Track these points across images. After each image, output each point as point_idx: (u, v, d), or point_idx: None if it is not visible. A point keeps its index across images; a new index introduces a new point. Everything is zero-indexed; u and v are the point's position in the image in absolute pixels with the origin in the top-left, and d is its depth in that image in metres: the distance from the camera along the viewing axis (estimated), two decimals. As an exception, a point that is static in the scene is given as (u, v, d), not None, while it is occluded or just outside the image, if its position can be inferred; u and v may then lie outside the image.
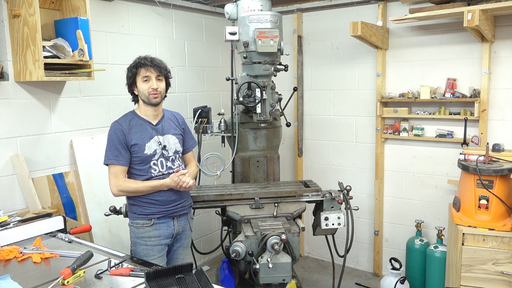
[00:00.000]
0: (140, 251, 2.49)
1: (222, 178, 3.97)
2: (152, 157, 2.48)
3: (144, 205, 2.49)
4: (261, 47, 2.97)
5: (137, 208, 2.50)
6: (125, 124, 2.47)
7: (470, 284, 2.80)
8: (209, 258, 4.42)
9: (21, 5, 2.58)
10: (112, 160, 2.42)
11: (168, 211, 2.53)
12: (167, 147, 2.53)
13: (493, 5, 2.93)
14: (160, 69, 2.48)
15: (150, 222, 2.49)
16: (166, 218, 2.53)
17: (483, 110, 3.36)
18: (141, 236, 2.50)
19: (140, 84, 2.46)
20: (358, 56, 4.01)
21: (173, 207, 2.54)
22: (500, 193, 2.78)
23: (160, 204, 2.49)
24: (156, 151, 2.49)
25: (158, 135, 2.52)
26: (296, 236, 2.52)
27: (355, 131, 4.13)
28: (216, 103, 4.30)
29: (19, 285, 1.74)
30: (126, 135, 2.44)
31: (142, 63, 2.45)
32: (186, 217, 2.66)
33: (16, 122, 2.79)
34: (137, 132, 2.47)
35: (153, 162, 2.48)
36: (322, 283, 4.01)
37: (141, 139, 2.46)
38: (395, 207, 3.99)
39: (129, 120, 2.50)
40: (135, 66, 2.46)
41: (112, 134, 2.45)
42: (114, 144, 2.43)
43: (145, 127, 2.50)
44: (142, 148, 2.45)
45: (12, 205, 2.77)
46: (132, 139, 2.45)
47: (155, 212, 2.49)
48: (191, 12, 4.08)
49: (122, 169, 2.44)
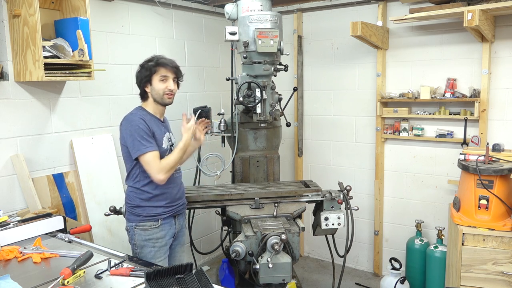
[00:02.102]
0: (147, 254, 2.46)
1: (222, 178, 3.97)
2: (165, 152, 2.48)
3: (151, 206, 2.47)
4: (261, 47, 2.97)
5: (142, 210, 2.47)
6: (145, 118, 2.41)
7: (470, 284, 2.80)
8: (209, 258, 4.42)
9: (21, 5, 2.58)
10: (144, 149, 2.33)
11: (173, 210, 2.55)
12: (174, 144, 2.57)
13: (493, 5, 2.93)
14: (178, 71, 2.50)
15: (157, 223, 2.48)
16: (170, 218, 2.55)
17: (483, 110, 3.36)
18: (149, 239, 2.47)
19: (157, 83, 2.44)
20: (358, 56, 4.01)
21: (176, 205, 2.57)
22: (500, 193, 2.78)
23: (168, 201, 2.50)
24: (168, 147, 2.51)
25: (167, 132, 2.56)
26: (296, 236, 2.52)
27: (355, 131, 4.14)
28: (216, 103, 4.30)
29: (19, 285, 1.74)
30: (149, 127, 2.39)
31: (164, 62, 2.44)
32: (183, 215, 2.71)
33: (16, 122, 2.79)
34: (154, 127, 2.45)
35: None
36: (322, 283, 4.01)
37: (158, 134, 2.46)
38: (395, 207, 3.99)
39: (144, 115, 2.44)
40: (155, 64, 2.44)
41: (138, 125, 2.36)
42: (142, 135, 2.34)
43: (157, 123, 2.50)
44: (160, 143, 2.46)
45: (12, 205, 2.76)
46: (153, 132, 2.41)
47: (162, 213, 2.49)
48: (191, 12, 4.08)
49: (156, 154, 2.36)
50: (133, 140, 2.35)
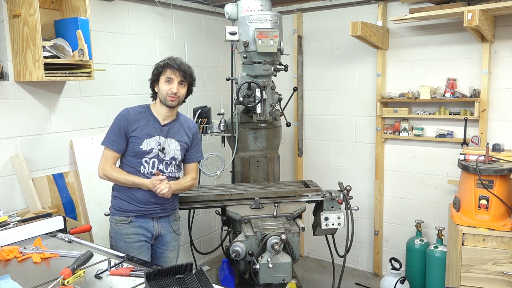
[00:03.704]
0: (120, 247, 2.47)
1: (222, 178, 3.96)
2: (146, 154, 2.47)
3: (123, 201, 2.50)
4: (261, 47, 2.97)
5: (117, 203, 2.52)
6: (133, 114, 2.48)
7: (470, 284, 2.80)
8: (209, 258, 4.42)
9: (21, 5, 2.57)
10: (107, 143, 2.47)
11: (145, 211, 2.51)
12: (165, 150, 2.51)
13: (493, 5, 2.93)
14: (186, 74, 2.46)
15: (128, 220, 2.49)
16: (145, 218, 2.52)
17: (483, 110, 3.36)
18: (120, 233, 2.50)
19: (162, 84, 2.46)
20: (358, 56, 4.01)
21: (151, 208, 2.52)
22: (500, 193, 2.78)
23: (138, 202, 2.49)
24: (153, 150, 2.48)
25: (161, 136, 2.50)
26: (296, 236, 2.52)
27: (355, 131, 4.13)
28: (216, 103, 4.29)
29: (19, 285, 1.74)
30: (129, 124, 2.45)
31: (170, 64, 2.44)
32: (167, 219, 2.61)
33: (16, 122, 2.79)
34: (141, 125, 2.47)
35: (145, 160, 2.48)
36: (322, 283, 4.01)
37: (142, 133, 2.46)
38: (395, 207, 3.99)
39: (139, 112, 2.50)
40: (162, 65, 2.46)
41: (117, 119, 2.49)
42: (114, 130, 2.47)
43: (151, 123, 2.50)
44: (140, 142, 2.46)
45: (12, 205, 2.76)
46: (134, 130, 2.46)
47: (132, 210, 2.49)
48: (191, 12, 4.08)
49: (114, 155, 2.48)
50: (109, 129, 2.50)
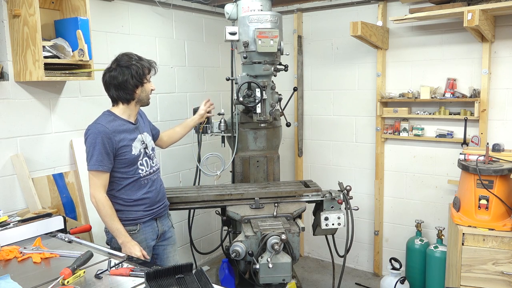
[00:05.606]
0: None
1: (222, 178, 3.96)
2: (139, 157, 2.45)
3: (130, 211, 2.43)
4: (261, 47, 2.97)
5: (121, 214, 2.40)
6: (111, 126, 2.34)
7: (470, 284, 2.80)
8: (209, 258, 4.42)
9: (21, 5, 2.57)
10: (96, 167, 2.30)
11: (153, 213, 2.52)
12: (147, 144, 2.53)
13: (493, 5, 2.93)
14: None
15: (137, 228, 2.45)
16: (151, 221, 2.52)
17: (483, 110, 3.36)
18: None
19: (148, 84, 2.46)
20: (358, 56, 4.01)
21: (157, 208, 2.54)
22: (500, 193, 2.78)
23: (147, 205, 2.47)
24: (141, 150, 2.47)
25: (139, 134, 2.49)
26: (296, 236, 2.52)
27: (355, 131, 4.14)
28: (216, 103, 4.27)
29: (19, 285, 1.74)
30: (112, 139, 2.32)
31: (153, 65, 2.48)
32: (166, 215, 2.68)
33: (16, 122, 2.79)
34: (122, 133, 2.39)
35: (139, 163, 2.46)
36: (322, 283, 4.01)
37: (128, 140, 2.40)
38: (395, 207, 3.99)
39: (111, 121, 2.38)
40: (148, 67, 2.44)
41: (97, 138, 2.29)
42: (100, 150, 2.29)
43: (127, 127, 2.43)
44: (130, 149, 2.40)
45: (12, 205, 2.76)
46: (119, 141, 2.35)
47: (141, 217, 2.47)
48: (191, 12, 4.08)
49: (105, 176, 2.34)
50: (89, 151, 2.32)
